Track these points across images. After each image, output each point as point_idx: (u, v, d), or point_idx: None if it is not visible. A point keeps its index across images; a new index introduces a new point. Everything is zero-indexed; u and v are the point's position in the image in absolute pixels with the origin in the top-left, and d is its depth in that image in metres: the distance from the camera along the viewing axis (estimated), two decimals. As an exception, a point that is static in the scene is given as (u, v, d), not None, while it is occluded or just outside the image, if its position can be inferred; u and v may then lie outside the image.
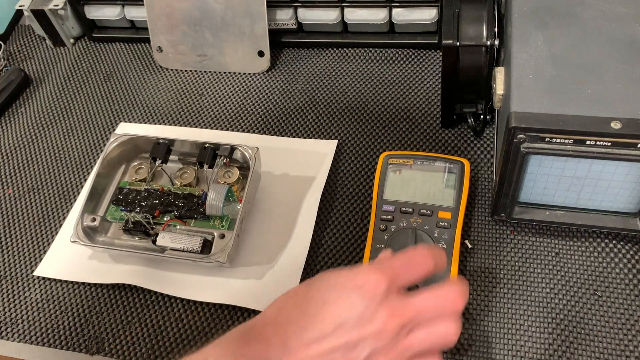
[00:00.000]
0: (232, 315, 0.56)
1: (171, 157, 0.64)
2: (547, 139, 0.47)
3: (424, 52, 0.75)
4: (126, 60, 0.81)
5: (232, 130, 0.71)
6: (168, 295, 0.58)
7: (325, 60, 0.77)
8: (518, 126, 0.46)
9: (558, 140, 0.46)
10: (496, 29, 0.57)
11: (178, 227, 0.59)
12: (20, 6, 0.80)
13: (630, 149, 0.46)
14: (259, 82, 0.75)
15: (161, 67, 0.79)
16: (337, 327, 0.39)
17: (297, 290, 0.43)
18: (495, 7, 0.59)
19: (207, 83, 0.77)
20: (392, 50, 0.76)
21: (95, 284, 0.59)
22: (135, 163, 0.64)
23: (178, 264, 0.58)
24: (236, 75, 0.77)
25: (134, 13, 0.79)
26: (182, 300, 0.57)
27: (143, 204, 0.60)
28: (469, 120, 0.65)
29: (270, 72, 0.76)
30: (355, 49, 0.77)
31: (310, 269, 0.58)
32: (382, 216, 0.56)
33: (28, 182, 0.69)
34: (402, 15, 0.73)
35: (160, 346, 0.55)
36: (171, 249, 0.57)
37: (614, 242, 0.56)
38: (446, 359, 0.51)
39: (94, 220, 0.59)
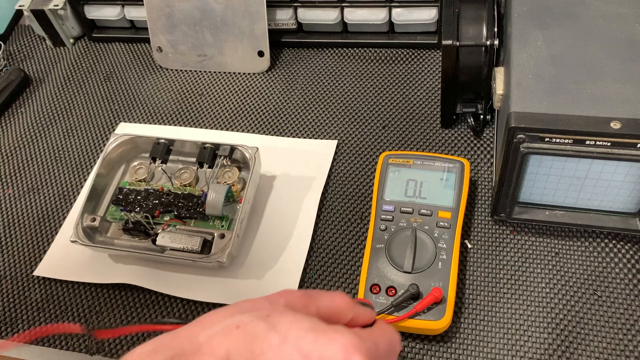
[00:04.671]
0: (232, 315, 0.56)
1: (171, 157, 0.64)
2: (546, 139, 0.47)
3: (424, 52, 0.75)
4: (126, 60, 0.81)
5: (232, 130, 0.71)
6: (168, 295, 0.58)
7: (325, 60, 0.77)
8: (518, 126, 0.46)
9: (558, 140, 0.46)
10: (496, 29, 0.57)
11: (178, 227, 0.59)
12: (20, 6, 0.80)
13: (630, 149, 0.46)
14: (259, 82, 0.75)
15: (161, 67, 0.79)
16: (239, 309, 0.35)
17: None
18: (495, 7, 0.59)
19: (207, 83, 0.77)
20: (392, 50, 0.76)
21: (95, 284, 0.59)
22: (135, 163, 0.64)
23: (178, 264, 0.58)
24: (236, 75, 0.77)
25: (134, 13, 0.79)
26: (182, 300, 0.57)
27: (143, 204, 0.60)
28: (469, 120, 0.65)
29: (270, 72, 0.76)
30: (355, 49, 0.77)
31: (310, 269, 0.58)
32: (382, 216, 0.56)
33: (28, 182, 0.69)
34: (402, 15, 0.73)
35: (160, 346, 0.55)
36: (171, 249, 0.57)
37: (614, 242, 0.56)
38: (447, 359, 0.51)
39: (94, 220, 0.59)
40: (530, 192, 0.53)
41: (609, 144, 0.46)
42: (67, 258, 0.61)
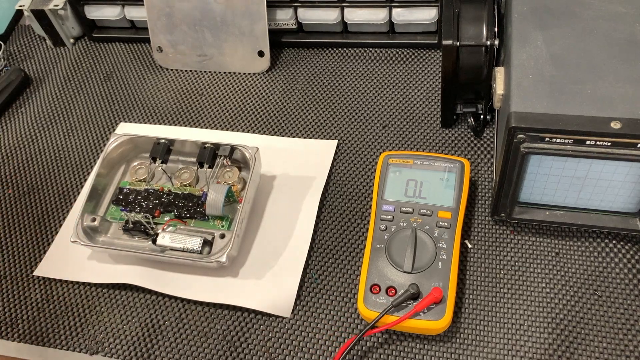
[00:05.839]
0: (232, 315, 0.56)
1: (171, 157, 0.64)
2: (546, 139, 0.47)
3: (424, 52, 0.75)
4: (126, 60, 0.81)
5: (232, 130, 0.71)
6: (168, 295, 0.58)
7: (325, 60, 0.77)
8: (518, 126, 0.46)
9: (558, 140, 0.46)
10: (496, 29, 0.57)
11: (178, 227, 0.59)
12: (20, 6, 0.80)
13: (630, 149, 0.46)
14: (259, 82, 0.75)
15: (161, 67, 0.79)
16: None
17: None
18: (495, 7, 0.59)
19: (207, 83, 0.77)
20: (392, 50, 0.76)
21: (95, 284, 0.59)
22: (135, 163, 0.64)
23: (178, 264, 0.58)
24: (236, 75, 0.77)
25: (134, 13, 0.79)
26: (182, 300, 0.57)
27: (143, 204, 0.60)
28: (469, 120, 0.65)
29: (270, 72, 0.76)
30: (355, 49, 0.77)
31: (310, 269, 0.58)
32: (382, 216, 0.56)
33: (28, 182, 0.69)
34: (402, 15, 0.73)
35: (160, 346, 0.55)
36: (171, 249, 0.57)
37: (614, 242, 0.56)
38: (447, 359, 0.51)
39: (94, 220, 0.60)
40: (530, 192, 0.53)
41: (609, 144, 0.46)
42: (67, 258, 0.61)
